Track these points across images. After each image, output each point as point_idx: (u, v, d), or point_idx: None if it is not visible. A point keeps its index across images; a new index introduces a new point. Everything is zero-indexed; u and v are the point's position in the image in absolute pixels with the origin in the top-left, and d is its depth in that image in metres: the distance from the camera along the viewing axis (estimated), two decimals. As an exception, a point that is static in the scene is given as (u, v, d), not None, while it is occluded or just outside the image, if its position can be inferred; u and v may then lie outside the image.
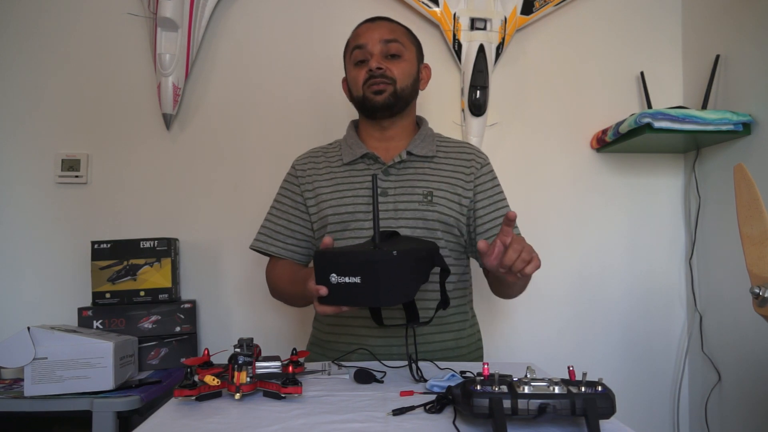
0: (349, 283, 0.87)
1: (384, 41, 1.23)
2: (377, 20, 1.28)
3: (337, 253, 0.91)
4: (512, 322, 1.83)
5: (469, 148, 1.32)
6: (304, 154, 1.35)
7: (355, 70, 1.25)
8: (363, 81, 1.23)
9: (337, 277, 0.88)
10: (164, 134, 1.79)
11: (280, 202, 1.32)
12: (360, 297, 0.88)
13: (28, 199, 1.76)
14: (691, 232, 1.82)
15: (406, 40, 1.27)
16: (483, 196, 1.27)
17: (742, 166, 0.94)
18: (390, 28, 1.26)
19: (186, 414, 0.80)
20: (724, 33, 1.70)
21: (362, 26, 1.28)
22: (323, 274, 0.90)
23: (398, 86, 1.22)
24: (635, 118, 1.59)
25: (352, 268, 0.87)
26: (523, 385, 0.71)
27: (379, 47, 1.22)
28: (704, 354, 1.74)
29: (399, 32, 1.27)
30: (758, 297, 0.88)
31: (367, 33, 1.25)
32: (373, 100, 1.22)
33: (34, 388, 1.25)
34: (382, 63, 1.21)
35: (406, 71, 1.24)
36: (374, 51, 1.22)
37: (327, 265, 0.89)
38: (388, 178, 1.23)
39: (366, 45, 1.23)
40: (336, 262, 0.89)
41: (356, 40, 1.26)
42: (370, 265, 0.87)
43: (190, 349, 1.62)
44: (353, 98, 1.28)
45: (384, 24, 1.27)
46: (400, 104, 1.25)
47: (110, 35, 1.79)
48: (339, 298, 0.90)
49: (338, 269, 0.88)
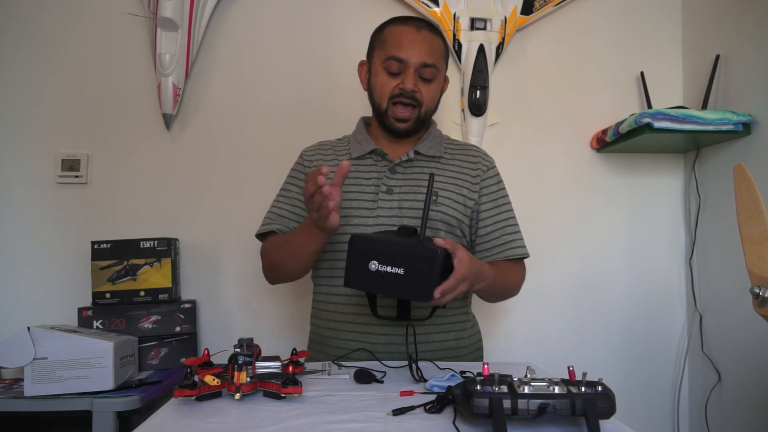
0: (390, 273, 0.89)
1: (423, 64, 1.19)
2: (422, 30, 1.21)
3: (382, 242, 0.92)
4: (512, 322, 1.83)
5: (476, 150, 1.33)
6: (313, 145, 1.35)
7: (384, 76, 1.21)
8: (391, 94, 1.21)
9: (378, 264, 0.89)
10: (164, 134, 1.79)
11: (286, 189, 1.31)
12: (399, 288, 0.90)
13: (28, 199, 1.76)
14: (691, 232, 1.82)
15: (442, 62, 1.24)
16: (487, 198, 1.27)
17: (742, 166, 0.94)
18: (432, 46, 1.21)
19: (186, 414, 0.80)
20: (724, 33, 1.70)
21: (405, 33, 1.21)
22: (362, 259, 0.90)
23: (423, 110, 1.23)
24: (635, 118, 1.59)
25: (398, 260, 0.89)
26: (523, 385, 0.71)
27: (417, 67, 1.19)
28: (704, 354, 1.74)
29: (438, 53, 1.22)
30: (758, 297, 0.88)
31: (410, 46, 1.19)
32: (394, 126, 1.23)
33: (34, 388, 1.25)
34: (417, 85, 1.20)
35: (434, 95, 1.25)
36: (411, 71, 1.19)
37: (369, 251, 0.90)
38: (395, 176, 1.23)
39: (407, 61, 1.18)
40: (380, 250, 0.90)
41: (396, 51, 1.19)
42: (418, 259, 0.89)
43: (190, 349, 1.62)
44: (374, 102, 1.25)
45: (427, 38, 1.21)
46: (421, 125, 1.26)
47: (110, 35, 1.79)
48: (373, 285, 0.91)
49: (382, 258, 0.89)
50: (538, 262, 1.74)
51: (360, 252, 0.91)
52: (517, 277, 1.28)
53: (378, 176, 1.24)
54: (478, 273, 1.04)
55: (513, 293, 1.30)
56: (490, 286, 1.14)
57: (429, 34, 1.22)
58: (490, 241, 1.25)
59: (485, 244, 1.26)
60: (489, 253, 1.25)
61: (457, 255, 0.95)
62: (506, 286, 1.26)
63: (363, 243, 0.91)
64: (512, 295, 1.30)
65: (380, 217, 1.20)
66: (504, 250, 1.25)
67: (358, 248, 0.91)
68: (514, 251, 1.25)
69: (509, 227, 1.27)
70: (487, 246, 1.25)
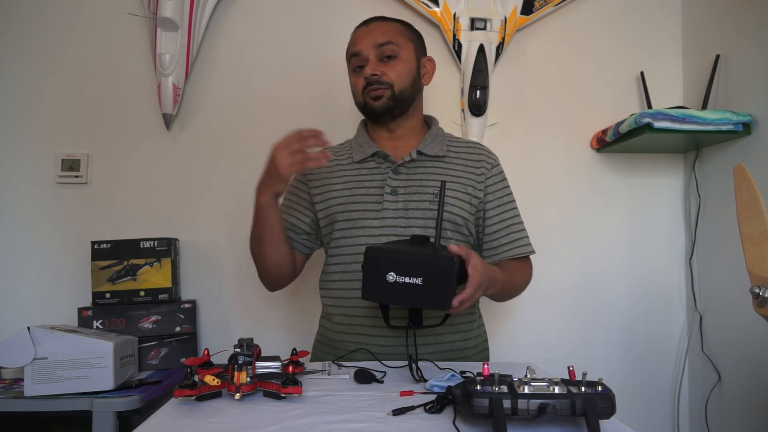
0: (409, 284, 0.88)
1: (377, 45, 1.22)
2: (371, 22, 1.27)
3: (399, 252, 0.91)
4: (512, 322, 1.83)
5: (480, 147, 1.32)
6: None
7: (354, 77, 1.26)
8: (362, 88, 1.23)
9: (396, 276, 0.89)
10: (164, 134, 1.79)
11: (285, 197, 1.32)
12: (418, 298, 0.90)
13: (28, 199, 1.76)
14: (691, 232, 1.82)
15: (401, 39, 1.25)
16: (493, 197, 1.27)
17: (742, 166, 0.94)
18: (383, 29, 1.24)
19: (186, 414, 0.80)
20: (724, 33, 1.70)
21: (357, 31, 1.28)
22: (379, 271, 0.90)
23: (396, 89, 1.22)
24: (635, 118, 1.59)
25: (415, 269, 0.88)
26: (523, 385, 0.71)
27: (373, 52, 1.22)
28: (704, 354, 1.74)
29: (392, 32, 1.25)
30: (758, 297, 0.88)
31: (361, 39, 1.24)
32: (372, 106, 1.23)
33: (34, 388, 1.25)
34: (377, 68, 1.21)
35: (404, 72, 1.24)
36: (369, 57, 1.22)
37: (386, 263, 0.90)
38: (398, 177, 1.23)
39: (361, 52, 1.23)
40: (398, 261, 0.89)
41: (353, 47, 1.26)
42: (435, 268, 0.88)
43: (190, 349, 1.62)
44: (357, 104, 1.29)
45: (377, 26, 1.25)
46: (402, 106, 1.25)
47: (110, 35, 1.79)
48: (392, 296, 0.91)
49: (399, 269, 0.89)
50: (539, 262, 1.72)
51: (376, 264, 0.90)
52: (524, 276, 1.28)
53: (382, 178, 1.23)
54: (491, 278, 1.04)
55: (520, 292, 1.30)
56: (500, 290, 1.14)
57: (379, 23, 1.27)
58: (497, 240, 1.25)
59: (492, 242, 1.26)
60: (496, 252, 1.25)
61: (471, 262, 0.95)
62: (515, 287, 1.26)
63: (379, 255, 0.91)
64: (519, 293, 1.30)
65: (386, 218, 1.20)
66: (511, 249, 1.25)
67: (374, 260, 0.91)
68: (522, 249, 1.26)
69: (515, 225, 1.27)
70: (494, 244, 1.25)
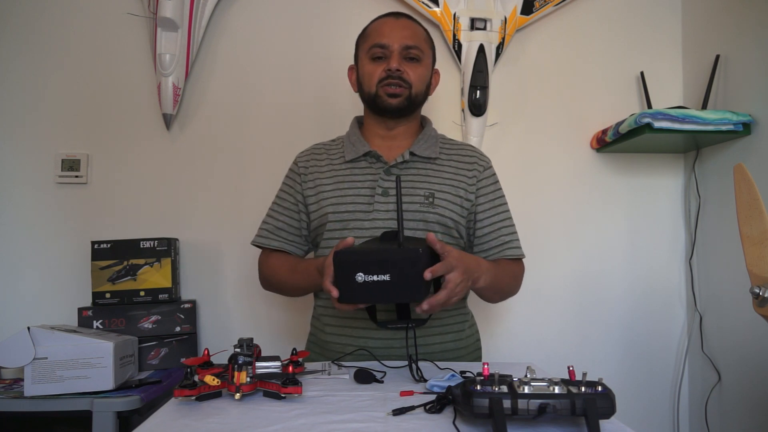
0: (378, 281, 0.89)
1: (405, 47, 1.21)
2: (400, 18, 1.26)
3: (363, 253, 0.93)
4: (512, 322, 1.83)
5: (472, 150, 1.32)
6: (306, 150, 1.35)
7: (371, 65, 1.23)
8: (378, 79, 1.22)
9: (365, 276, 0.90)
10: (164, 134, 1.79)
11: (281, 198, 1.32)
12: (390, 294, 0.91)
13: (28, 199, 1.76)
14: (691, 232, 1.82)
15: (425, 46, 1.26)
16: (484, 199, 1.26)
17: (742, 166, 0.94)
18: (413, 31, 1.24)
19: (186, 414, 0.80)
20: (724, 33, 1.70)
21: (385, 23, 1.25)
22: (347, 274, 0.91)
23: (413, 91, 1.23)
24: (635, 118, 1.59)
25: (381, 267, 0.89)
26: (523, 385, 0.71)
27: (399, 50, 1.21)
28: (704, 354, 1.74)
29: (420, 38, 1.25)
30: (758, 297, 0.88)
31: (390, 33, 1.22)
32: (386, 101, 1.22)
33: (34, 388, 1.25)
34: (402, 65, 1.21)
35: (423, 76, 1.25)
36: (395, 52, 1.21)
37: (352, 265, 0.91)
38: (390, 177, 1.23)
39: (388, 46, 1.21)
40: (363, 261, 0.90)
41: (378, 38, 1.23)
42: (400, 262, 0.89)
43: (190, 349, 1.62)
44: (363, 92, 1.27)
45: (408, 25, 1.25)
46: (412, 108, 1.25)
47: (110, 35, 1.79)
48: (365, 296, 0.92)
49: (366, 269, 0.90)
50: (539, 262, 1.74)
51: (345, 267, 0.91)
52: (516, 275, 1.28)
53: (373, 179, 1.23)
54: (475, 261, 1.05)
55: (513, 291, 1.30)
56: (491, 281, 1.13)
57: (409, 21, 1.26)
58: (487, 242, 1.26)
59: (483, 245, 1.26)
60: (487, 254, 1.25)
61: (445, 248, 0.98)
62: (507, 282, 1.26)
63: (344, 257, 0.92)
64: (513, 293, 1.30)
65: (377, 220, 1.19)
66: (502, 251, 1.25)
67: (342, 263, 0.92)
68: (512, 251, 1.26)
69: (506, 228, 1.27)
70: (485, 247, 1.26)
